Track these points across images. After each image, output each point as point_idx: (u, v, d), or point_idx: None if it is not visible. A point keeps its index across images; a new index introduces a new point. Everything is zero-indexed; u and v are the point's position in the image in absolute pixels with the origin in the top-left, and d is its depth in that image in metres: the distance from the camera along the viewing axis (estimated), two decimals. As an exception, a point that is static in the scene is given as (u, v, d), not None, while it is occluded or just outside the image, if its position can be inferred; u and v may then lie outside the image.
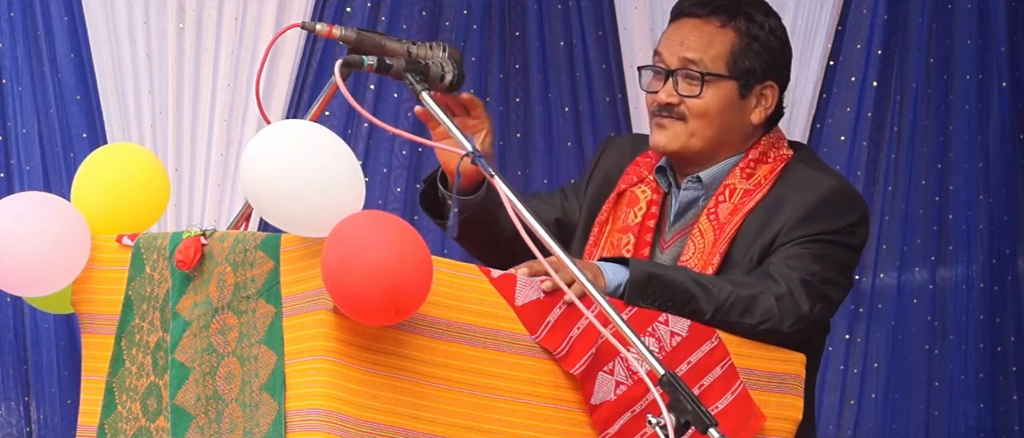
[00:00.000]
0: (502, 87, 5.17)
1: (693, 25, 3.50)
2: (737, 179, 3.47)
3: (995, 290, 5.12)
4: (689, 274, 3.24)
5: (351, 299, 2.80)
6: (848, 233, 3.40)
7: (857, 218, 3.44)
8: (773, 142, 3.53)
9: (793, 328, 3.26)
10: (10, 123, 5.03)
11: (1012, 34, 5.09)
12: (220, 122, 5.02)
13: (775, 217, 3.39)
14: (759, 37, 3.49)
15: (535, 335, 3.03)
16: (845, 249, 3.40)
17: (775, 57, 3.53)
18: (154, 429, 3.11)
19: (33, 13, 5.02)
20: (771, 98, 3.53)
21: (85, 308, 3.25)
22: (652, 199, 3.53)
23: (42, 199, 3.24)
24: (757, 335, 3.24)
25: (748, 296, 3.23)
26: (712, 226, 3.42)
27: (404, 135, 4.57)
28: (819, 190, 3.43)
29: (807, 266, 3.32)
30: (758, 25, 3.51)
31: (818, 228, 3.37)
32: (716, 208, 3.44)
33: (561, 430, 3.07)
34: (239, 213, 3.47)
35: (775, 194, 3.44)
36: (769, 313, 3.24)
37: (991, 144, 5.12)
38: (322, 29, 3.17)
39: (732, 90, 3.48)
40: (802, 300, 3.28)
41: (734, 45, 3.48)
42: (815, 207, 3.39)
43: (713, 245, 3.39)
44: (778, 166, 3.49)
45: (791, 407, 3.29)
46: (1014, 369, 5.13)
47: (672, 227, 3.51)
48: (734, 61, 3.48)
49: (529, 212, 2.96)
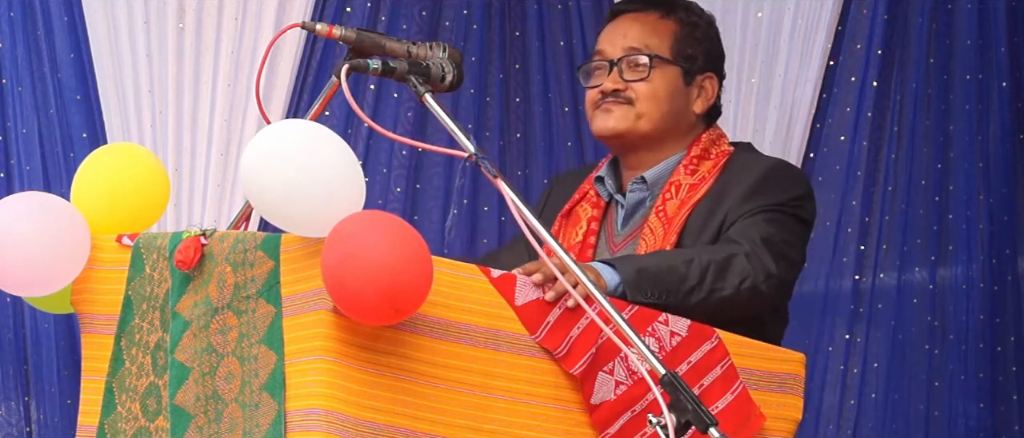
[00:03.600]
0: (502, 87, 5.17)
1: (633, 18, 3.61)
2: (681, 175, 3.53)
3: (995, 290, 5.12)
4: (666, 253, 3.30)
5: (351, 299, 2.80)
6: (795, 206, 3.47)
7: (801, 192, 3.50)
8: (714, 139, 3.60)
9: (767, 286, 3.31)
10: (10, 123, 5.03)
11: (1012, 34, 5.09)
12: (220, 122, 5.02)
13: (721, 203, 3.45)
14: (699, 25, 3.62)
15: (535, 335, 3.04)
16: (795, 220, 3.47)
17: (713, 49, 3.64)
18: (154, 429, 3.11)
19: (33, 13, 5.02)
20: (711, 90, 3.62)
21: (85, 308, 3.25)
22: (592, 215, 3.60)
23: (42, 199, 3.24)
24: (741, 294, 3.26)
25: (722, 259, 3.29)
26: (661, 222, 3.47)
27: (402, 140, 4.59)
28: (761, 168, 3.51)
29: (762, 230, 3.38)
30: (697, 15, 3.64)
31: (764, 201, 3.44)
32: (664, 205, 3.49)
33: (561, 430, 3.07)
34: (239, 213, 3.47)
35: (719, 183, 3.50)
36: (745, 271, 3.29)
37: (991, 144, 5.12)
38: (322, 29, 3.17)
39: (677, 76, 3.57)
40: (767, 257, 3.33)
41: (676, 33, 3.59)
42: (758, 183, 3.47)
43: (663, 239, 3.43)
44: (721, 160, 3.55)
45: (791, 407, 3.30)
46: (1014, 369, 5.13)
47: (622, 231, 3.55)
48: (677, 48, 3.58)
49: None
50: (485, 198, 5.16)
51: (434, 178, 5.16)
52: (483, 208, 5.16)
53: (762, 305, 3.34)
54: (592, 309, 2.95)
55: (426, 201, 5.16)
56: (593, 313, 2.96)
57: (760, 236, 3.35)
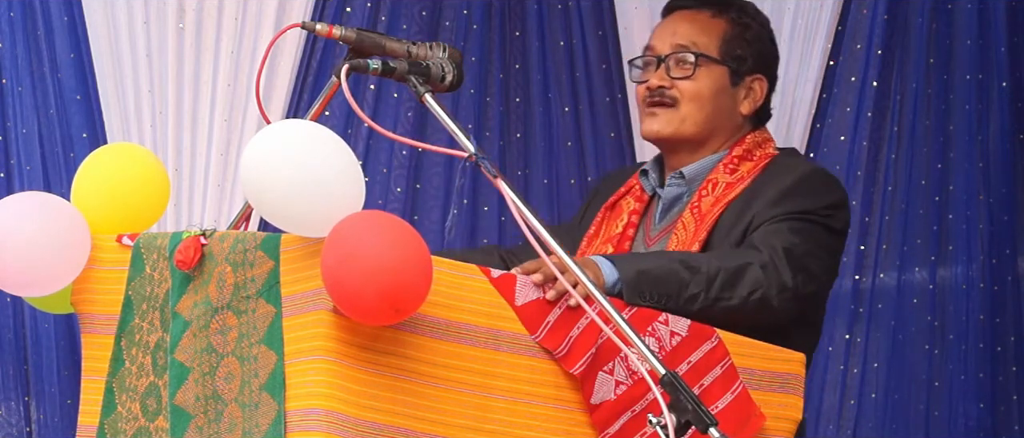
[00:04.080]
0: (502, 87, 5.17)
1: (684, 16, 3.59)
2: (720, 173, 3.51)
3: (995, 290, 5.12)
4: (673, 257, 3.26)
5: (351, 299, 2.80)
6: (825, 215, 3.42)
7: (834, 201, 3.46)
8: (759, 141, 3.57)
9: (780, 299, 3.27)
10: (10, 123, 5.02)
11: (1012, 34, 5.09)
12: (220, 122, 5.02)
13: (751, 204, 3.42)
14: (751, 27, 3.57)
15: (535, 335, 3.03)
16: (824, 230, 3.42)
17: (765, 51, 3.60)
18: (154, 429, 3.11)
19: (33, 13, 5.01)
20: (760, 92, 3.58)
21: (85, 308, 3.25)
22: (633, 209, 3.58)
23: (42, 199, 3.24)
24: (748, 305, 3.24)
25: (735, 268, 3.24)
26: (694, 218, 3.45)
27: (402, 140, 4.59)
28: (796, 172, 3.47)
29: (786, 239, 3.33)
30: (749, 16, 3.60)
31: (793, 207, 3.40)
32: (699, 202, 3.48)
33: (561, 430, 3.07)
34: (239, 213, 3.47)
35: (755, 184, 3.47)
36: (757, 282, 3.25)
37: (991, 144, 5.12)
38: (322, 29, 3.17)
39: (724, 76, 3.54)
40: (784, 270, 3.28)
41: (726, 32, 3.55)
42: (791, 188, 3.43)
43: (693, 235, 3.41)
44: (762, 163, 3.52)
45: (791, 407, 3.29)
46: (1014, 369, 5.13)
47: (658, 224, 3.54)
48: (726, 47, 3.54)
49: (532, 213, 2.97)
50: (485, 198, 5.15)
51: (434, 178, 5.16)
52: (483, 208, 5.16)
53: (773, 317, 3.29)
54: (592, 309, 2.95)
55: (426, 201, 5.15)
56: (593, 313, 2.96)
57: (782, 245, 3.31)
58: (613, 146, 5.17)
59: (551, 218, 5.11)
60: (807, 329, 3.47)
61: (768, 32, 3.62)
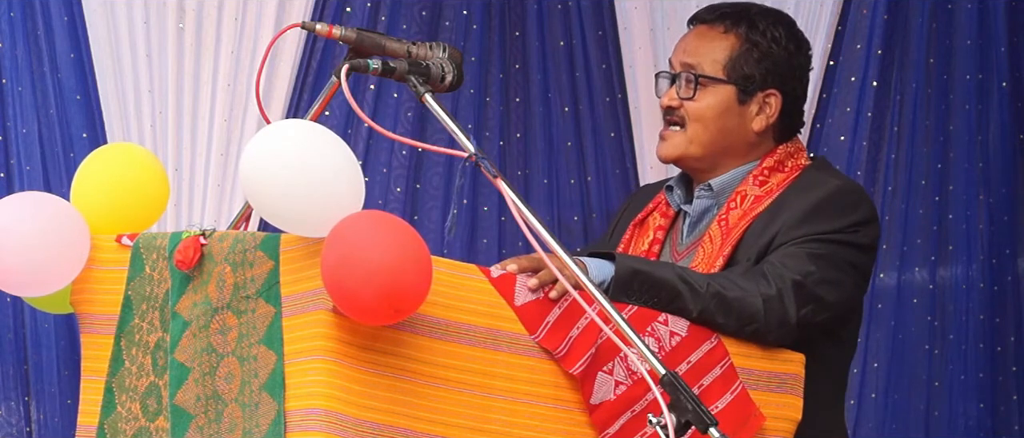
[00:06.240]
0: (502, 87, 5.17)
1: (700, 31, 3.52)
2: (750, 185, 3.46)
3: (995, 290, 5.12)
4: (677, 271, 3.22)
5: (350, 299, 2.80)
6: (851, 232, 3.36)
7: (861, 218, 3.39)
8: (791, 152, 3.51)
9: (779, 333, 3.24)
10: (10, 123, 5.03)
11: (1012, 34, 5.09)
12: (220, 122, 5.02)
13: (776, 218, 3.38)
14: (760, 44, 3.48)
15: (535, 335, 3.03)
16: (849, 248, 3.36)
17: (777, 65, 3.50)
18: (154, 429, 3.11)
19: (33, 13, 5.02)
20: (774, 107, 3.49)
21: (84, 308, 3.25)
22: (660, 225, 3.55)
23: (42, 199, 3.24)
24: (743, 334, 3.22)
25: (735, 298, 3.20)
26: (722, 232, 3.41)
27: (402, 140, 4.60)
28: (822, 189, 3.41)
29: (802, 266, 3.29)
30: (759, 32, 3.49)
31: (817, 227, 3.35)
32: (727, 214, 3.43)
33: (561, 430, 3.07)
34: (239, 213, 3.47)
35: (782, 196, 3.43)
36: (755, 317, 3.21)
37: (991, 144, 5.12)
38: (322, 29, 3.17)
39: (730, 95, 3.48)
40: (790, 304, 3.24)
41: (733, 50, 3.48)
42: (816, 206, 3.37)
43: (718, 249, 3.38)
44: (792, 175, 3.47)
45: (791, 407, 3.29)
46: (1014, 369, 5.13)
47: (687, 239, 3.51)
48: (732, 66, 3.48)
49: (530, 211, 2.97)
50: (485, 198, 5.16)
51: (434, 178, 5.16)
52: (483, 208, 5.16)
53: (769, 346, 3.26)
54: (592, 309, 2.95)
55: (426, 201, 5.16)
56: (593, 313, 2.96)
57: (792, 278, 3.26)
58: (613, 146, 5.18)
59: (551, 218, 5.11)
60: (841, 345, 3.45)
61: (782, 44, 3.51)
